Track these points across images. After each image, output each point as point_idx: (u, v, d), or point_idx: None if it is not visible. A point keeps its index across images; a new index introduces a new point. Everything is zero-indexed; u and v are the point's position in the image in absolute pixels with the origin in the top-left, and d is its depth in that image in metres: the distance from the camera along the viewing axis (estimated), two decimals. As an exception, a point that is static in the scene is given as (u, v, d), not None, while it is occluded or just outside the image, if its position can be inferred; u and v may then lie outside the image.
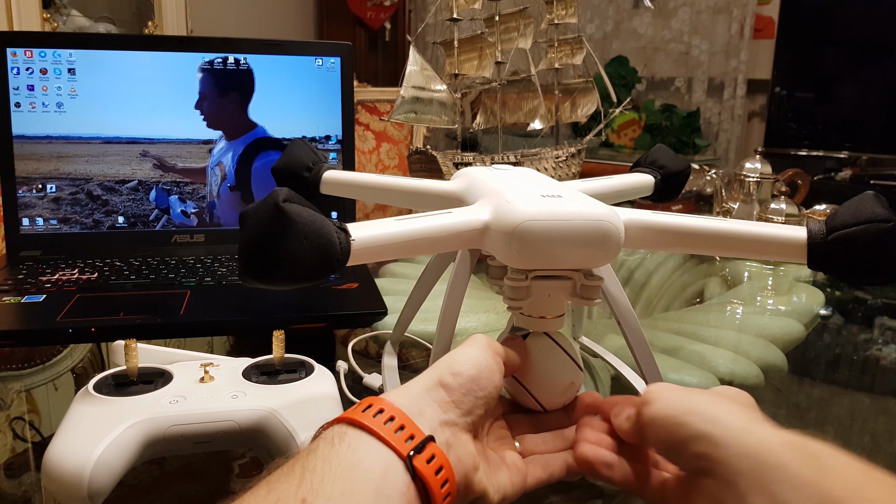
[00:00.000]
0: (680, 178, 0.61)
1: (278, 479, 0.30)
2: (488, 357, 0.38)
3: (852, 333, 0.81)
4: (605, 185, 0.57)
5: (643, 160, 0.62)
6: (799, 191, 1.22)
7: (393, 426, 0.33)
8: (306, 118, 0.91)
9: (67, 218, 0.85)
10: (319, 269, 0.36)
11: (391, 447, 0.32)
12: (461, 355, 0.38)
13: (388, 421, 0.33)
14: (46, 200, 0.85)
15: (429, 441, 0.33)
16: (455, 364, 0.38)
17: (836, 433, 0.59)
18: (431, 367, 0.38)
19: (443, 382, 0.37)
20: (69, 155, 0.85)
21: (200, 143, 0.89)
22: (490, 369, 0.38)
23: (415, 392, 0.36)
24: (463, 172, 0.51)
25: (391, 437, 0.32)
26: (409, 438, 0.33)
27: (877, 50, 2.56)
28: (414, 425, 0.34)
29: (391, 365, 0.60)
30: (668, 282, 0.97)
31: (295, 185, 0.56)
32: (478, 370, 0.37)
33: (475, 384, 0.37)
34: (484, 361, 0.38)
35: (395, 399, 0.35)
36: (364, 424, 0.33)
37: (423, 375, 0.38)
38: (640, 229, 0.43)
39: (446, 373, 0.37)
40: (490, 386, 0.38)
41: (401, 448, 0.32)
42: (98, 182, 0.86)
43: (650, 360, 0.48)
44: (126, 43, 0.87)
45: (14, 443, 0.52)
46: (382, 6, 3.19)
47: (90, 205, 0.86)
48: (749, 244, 0.42)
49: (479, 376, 0.37)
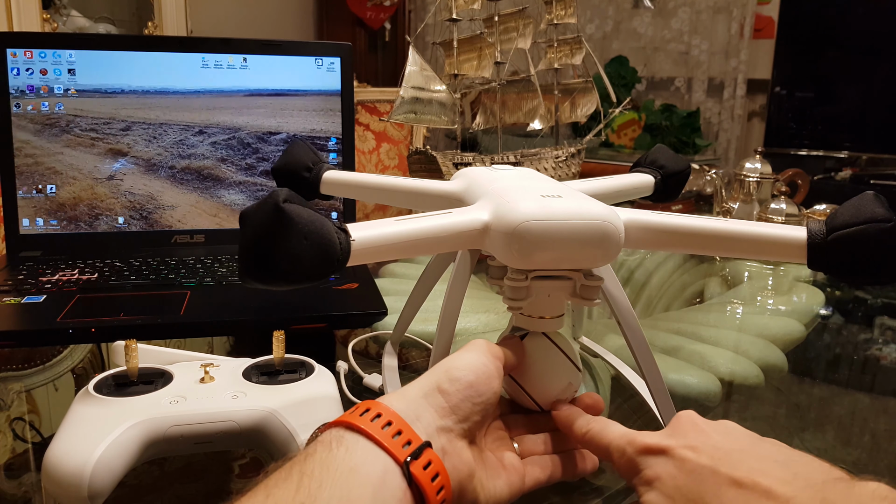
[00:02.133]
0: (680, 178, 0.61)
1: (276, 483, 0.30)
2: (487, 363, 0.38)
3: (852, 333, 0.81)
4: (605, 185, 0.57)
5: (643, 160, 0.62)
6: (799, 191, 1.22)
7: (390, 431, 0.33)
8: (306, 118, 0.91)
9: (67, 218, 0.85)
10: (319, 269, 0.36)
11: (388, 452, 0.32)
12: (460, 361, 0.38)
13: (385, 426, 0.33)
14: (46, 200, 0.85)
15: (426, 447, 0.33)
16: (453, 370, 0.37)
17: (836, 433, 0.59)
18: (429, 372, 0.38)
19: (441, 388, 0.37)
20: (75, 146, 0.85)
21: (200, 144, 0.89)
22: (489, 375, 0.38)
23: (412, 397, 0.36)
24: (462, 173, 0.51)
25: (388, 442, 0.32)
26: (407, 444, 0.33)
27: (877, 49, 2.56)
28: (411, 430, 0.34)
29: (391, 365, 0.60)
30: (668, 282, 0.97)
31: (295, 185, 0.56)
32: (476, 376, 0.37)
33: (473, 390, 0.37)
34: (483, 367, 0.38)
35: (393, 403, 0.35)
36: (361, 429, 0.33)
37: (421, 379, 0.38)
38: (640, 229, 0.43)
39: (444, 378, 0.37)
40: (488, 392, 0.38)
41: (398, 453, 0.32)
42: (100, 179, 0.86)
43: (650, 360, 0.48)
44: (126, 43, 0.87)
45: (14, 443, 0.52)
46: (382, 6, 3.19)
47: (91, 205, 0.86)
48: (749, 244, 0.42)
49: (477, 382, 0.37)
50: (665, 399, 0.49)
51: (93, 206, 0.86)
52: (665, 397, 0.49)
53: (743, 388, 0.62)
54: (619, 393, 0.59)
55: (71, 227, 0.86)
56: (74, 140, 0.85)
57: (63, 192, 0.85)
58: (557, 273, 0.42)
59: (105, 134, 0.86)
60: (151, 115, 0.87)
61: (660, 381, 0.48)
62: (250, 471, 0.48)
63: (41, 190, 0.84)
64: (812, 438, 0.57)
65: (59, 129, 0.85)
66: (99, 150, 0.86)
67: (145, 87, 0.87)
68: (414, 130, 1.70)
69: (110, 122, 0.86)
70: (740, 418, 0.59)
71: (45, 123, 0.84)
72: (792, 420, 0.61)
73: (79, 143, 0.85)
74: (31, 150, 0.84)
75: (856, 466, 0.53)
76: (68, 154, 0.85)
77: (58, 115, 0.85)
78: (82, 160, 0.86)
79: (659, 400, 0.49)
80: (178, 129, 0.88)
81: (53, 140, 0.85)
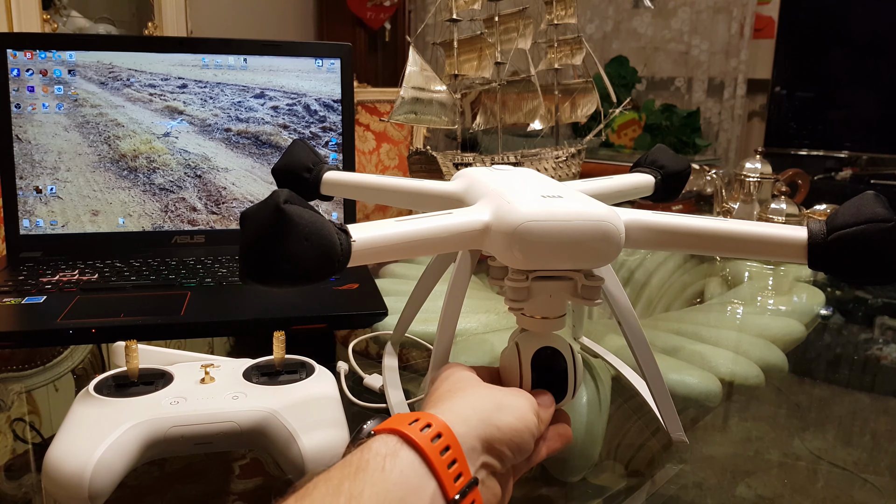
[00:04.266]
0: (680, 178, 0.61)
1: (322, 499, 0.29)
2: (533, 429, 0.38)
3: (853, 333, 0.81)
4: (606, 185, 0.57)
5: (643, 160, 0.62)
6: (799, 191, 1.22)
7: (447, 458, 0.32)
8: (306, 119, 0.91)
9: (68, 218, 0.85)
10: (320, 270, 0.36)
11: (440, 482, 0.31)
12: (517, 416, 0.37)
13: (443, 450, 0.32)
14: (46, 201, 0.85)
15: (474, 485, 0.33)
16: (511, 423, 0.37)
17: (836, 433, 0.59)
18: (480, 396, 0.37)
19: (497, 426, 0.36)
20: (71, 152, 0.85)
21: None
22: (532, 440, 0.38)
23: (473, 424, 0.35)
24: (463, 173, 0.51)
25: (443, 472, 0.31)
26: (458, 476, 0.32)
27: (877, 49, 2.56)
28: (465, 462, 0.33)
29: (392, 365, 0.60)
30: (669, 282, 0.97)
31: (295, 185, 0.56)
32: (523, 439, 0.37)
33: (519, 450, 0.37)
34: (530, 433, 0.37)
35: (455, 425, 0.34)
36: (421, 448, 0.32)
37: (474, 401, 0.37)
38: (641, 230, 0.42)
39: (496, 414, 0.36)
40: (528, 452, 0.38)
41: (449, 487, 0.31)
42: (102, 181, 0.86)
43: (651, 360, 0.48)
44: (126, 44, 0.87)
45: (14, 444, 0.53)
46: (382, 6, 3.19)
47: (91, 203, 0.86)
48: (749, 244, 0.42)
49: (523, 445, 0.37)
50: (666, 400, 0.49)
51: (148, 163, 0.87)
52: (666, 398, 0.49)
53: (743, 388, 0.62)
54: (620, 393, 0.59)
55: (72, 227, 0.86)
56: (134, 95, 0.86)
57: (124, 144, 0.86)
58: (558, 273, 0.42)
59: (163, 91, 0.87)
60: (208, 75, 0.88)
61: (661, 381, 0.48)
62: (251, 471, 0.48)
63: (41, 191, 0.84)
64: (812, 438, 0.57)
65: (121, 82, 0.86)
66: (156, 105, 0.87)
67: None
68: (414, 131, 1.70)
69: (168, 78, 0.88)
70: (741, 419, 0.60)
71: (108, 77, 0.85)
72: (792, 420, 0.61)
73: (138, 97, 0.86)
74: (96, 101, 0.85)
75: (856, 466, 0.53)
76: (129, 108, 0.86)
77: (118, 69, 0.86)
78: (141, 115, 0.86)
79: (660, 401, 0.49)
80: (235, 89, 0.89)
81: (115, 93, 0.86)
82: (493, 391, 0.38)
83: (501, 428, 0.36)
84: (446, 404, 0.36)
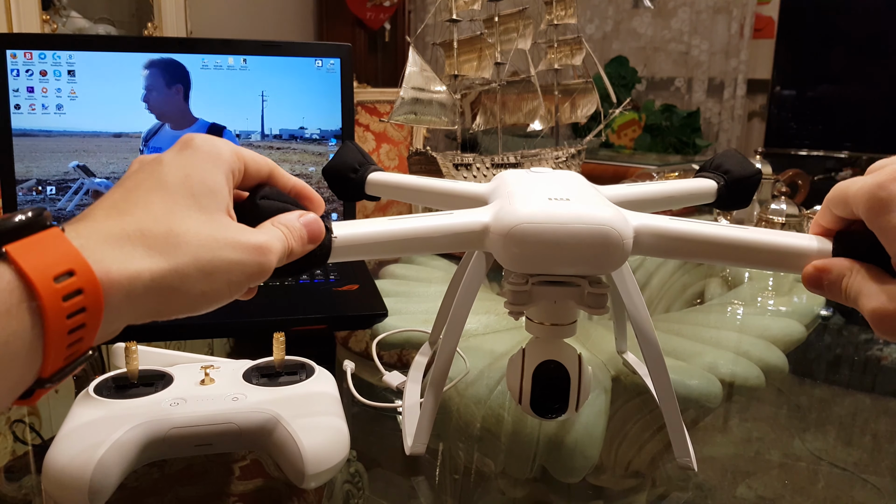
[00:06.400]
0: (748, 185, 0.55)
1: None
2: None
3: (853, 334, 0.81)
4: (657, 190, 0.53)
5: (708, 164, 0.57)
6: (799, 191, 1.22)
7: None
8: (306, 119, 0.91)
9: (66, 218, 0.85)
10: (298, 264, 0.38)
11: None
12: None
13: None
14: (46, 201, 0.85)
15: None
16: None
17: (837, 434, 0.59)
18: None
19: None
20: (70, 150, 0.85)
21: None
22: None
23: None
24: (499, 175, 0.49)
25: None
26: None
27: (877, 49, 2.56)
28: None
29: (420, 362, 0.59)
30: (669, 283, 0.97)
31: (342, 185, 0.56)
32: None
33: None
34: None
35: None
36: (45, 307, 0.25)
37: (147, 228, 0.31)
38: (654, 236, 0.40)
39: None
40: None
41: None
42: (98, 184, 0.86)
43: (666, 383, 0.45)
44: (126, 44, 0.87)
45: (14, 445, 0.52)
46: (382, 7, 3.19)
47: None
48: (774, 256, 0.39)
49: None
50: (677, 423, 0.45)
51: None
52: (677, 421, 0.45)
53: (744, 389, 0.62)
54: (620, 394, 0.59)
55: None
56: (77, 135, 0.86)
57: (63, 191, 0.85)
58: (560, 279, 0.41)
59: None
60: (208, 75, 0.87)
61: (673, 404, 0.45)
62: (251, 473, 0.48)
63: (40, 192, 0.84)
64: (813, 439, 0.57)
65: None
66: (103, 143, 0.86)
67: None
68: (414, 131, 1.70)
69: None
70: (741, 419, 0.59)
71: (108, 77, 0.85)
72: (793, 421, 0.61)
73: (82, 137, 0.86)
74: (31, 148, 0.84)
75: (857, 467, 0.53)
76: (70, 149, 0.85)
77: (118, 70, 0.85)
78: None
79: (670, 423, 0.45)
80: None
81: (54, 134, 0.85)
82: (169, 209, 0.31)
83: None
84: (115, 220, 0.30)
